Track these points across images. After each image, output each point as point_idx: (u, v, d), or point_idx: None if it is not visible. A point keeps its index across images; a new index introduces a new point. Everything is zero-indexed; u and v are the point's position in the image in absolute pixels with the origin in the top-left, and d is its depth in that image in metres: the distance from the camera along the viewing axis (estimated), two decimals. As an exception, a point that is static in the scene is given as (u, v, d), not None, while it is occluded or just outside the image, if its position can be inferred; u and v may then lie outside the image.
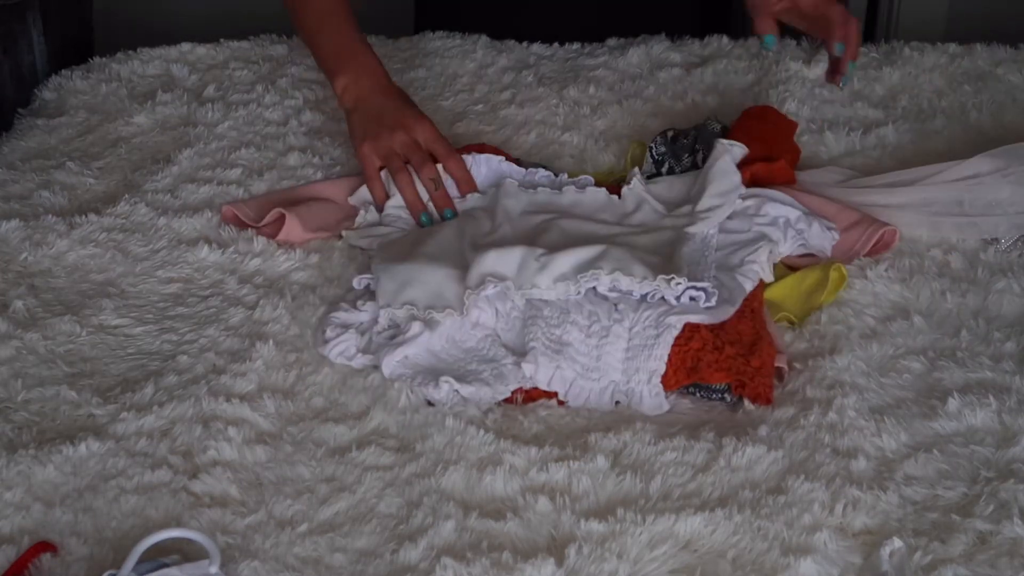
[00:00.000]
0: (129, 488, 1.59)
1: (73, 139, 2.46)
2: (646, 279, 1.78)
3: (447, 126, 2.49)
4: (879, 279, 1.96)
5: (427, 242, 1.98)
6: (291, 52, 2.76)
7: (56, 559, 1.49)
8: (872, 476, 1.59)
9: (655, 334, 1.73)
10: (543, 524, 1.54)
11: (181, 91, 2.62)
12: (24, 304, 1.94)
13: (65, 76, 2.68)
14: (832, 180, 2.19)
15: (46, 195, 2.24)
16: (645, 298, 1.80)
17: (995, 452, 1.62)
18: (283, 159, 2.37)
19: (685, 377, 1.72)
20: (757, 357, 1.72)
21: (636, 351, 1.73)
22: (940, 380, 1.76)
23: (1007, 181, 2.06)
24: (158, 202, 2.22)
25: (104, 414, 1.72)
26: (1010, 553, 1.46)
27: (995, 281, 1.94)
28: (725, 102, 2.53)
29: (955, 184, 2.09)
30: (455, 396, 1.74)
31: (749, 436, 1.65)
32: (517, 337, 1.80)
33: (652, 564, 1.47)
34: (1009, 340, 1.83)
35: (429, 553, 1.50)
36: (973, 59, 2.64)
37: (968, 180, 2.08)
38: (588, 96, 2.57)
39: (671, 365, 1.71)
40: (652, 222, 2.03)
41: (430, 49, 2.78)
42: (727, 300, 1.79)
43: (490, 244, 1.92)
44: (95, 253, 2.07)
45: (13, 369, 1.82)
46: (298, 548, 1.51)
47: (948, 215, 2.06)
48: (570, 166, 2.33)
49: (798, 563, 1.46)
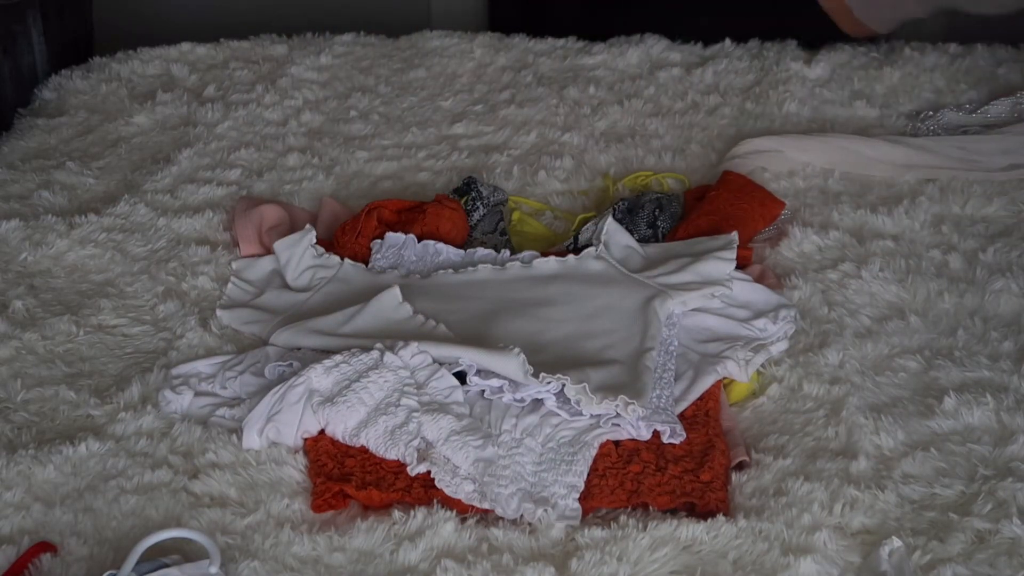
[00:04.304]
0: (129, 488, 1.60)
1: (73, 139, 2.46)
2: (606, 400, 1.65)
3: (447, 126, 2.49)
4: (875, 279, 1.96)
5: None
6: (291, 52, 2.77)
7: (56, 559, 1.49)
8: (870, 475, 1.59)
9: (571, 451, 1.63)
10: (545, 528, 1.54)
11: (181, 91, 2.62)
12: (24, 304, 1.94)
13: (65, 76, 2.68)
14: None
15: (46, 195, 2.24)
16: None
17: (993, 451, 1.62)
18: (283, 159, 2.38)
19: (626, 500, 1.58)
20: (708, 470, 1.62)
21: (551, 464, 1.62)
22: (937, 379, 1.76)
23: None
24: (158, 202, 2.22)
25: (103, 414, 1.72)
26: (1009, 552, 1.46)
27: (993, 281, 1.94)
28: (725, 102, 2.54)
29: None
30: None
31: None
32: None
33: (653, 565, 1.47)
34: (1007, 339, 1.83)
35: (429, 554, 1.50)
36: (973, 59, 2.64)
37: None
38: (588, 96, 2.58)
39: (608, 486, 1.61)
40: (615, 275, 1.92)
41: (430, 48, 2.78)
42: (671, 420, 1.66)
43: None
44: (95, 253, 2.08)
45: (13, 369, 1.82)
46: (297, 548, 1.51)
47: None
48: (570, 166, 2.34)
49: (798, 563, 1.46)
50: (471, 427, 1.64)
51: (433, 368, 1.71)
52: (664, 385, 1.71)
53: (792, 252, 2.04)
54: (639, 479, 1.60)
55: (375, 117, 2.53)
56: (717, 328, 1.84)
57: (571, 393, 1.66)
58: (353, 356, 1.71)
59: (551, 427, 1.66)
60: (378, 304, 1.86)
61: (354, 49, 2.80)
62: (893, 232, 2.09)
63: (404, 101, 2.59)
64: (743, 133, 2.42)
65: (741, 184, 2.14)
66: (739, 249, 1.96)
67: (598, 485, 1.59)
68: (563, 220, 2.19)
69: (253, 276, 2.02)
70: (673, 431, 1.65)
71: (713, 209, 2.07)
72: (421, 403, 1.66)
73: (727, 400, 1.75)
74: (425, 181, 2.31)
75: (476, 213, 2.14)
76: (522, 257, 1.98)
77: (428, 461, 1.59)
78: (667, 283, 1.88)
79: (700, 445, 1.65)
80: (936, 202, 2.16)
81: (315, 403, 1.66)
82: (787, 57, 2.66)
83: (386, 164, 2.36)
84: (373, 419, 1.64)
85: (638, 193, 2.20)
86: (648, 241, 2.04)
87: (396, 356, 1.70)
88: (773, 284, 1.95)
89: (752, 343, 1.80)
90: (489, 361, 1.70)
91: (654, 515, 1.55)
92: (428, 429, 1.62)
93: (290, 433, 1.66)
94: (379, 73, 2.70)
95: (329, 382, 1.68)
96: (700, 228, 2.04)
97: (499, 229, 2.14)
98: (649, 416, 1.65)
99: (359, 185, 2.30)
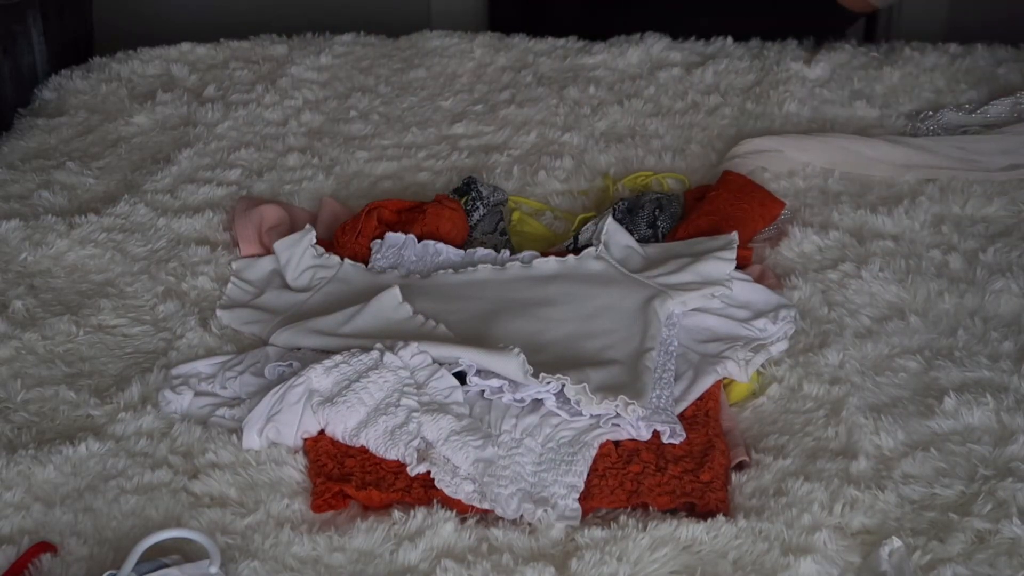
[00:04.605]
0: (129, 488, 1.60)
1: (73, 139, 2.46)
2: (605, 400, 1.66)
3: (447, 126, 2.49)
4: (875, 279, 1.96)
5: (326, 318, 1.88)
6: (291, 52, 2.77)
7: (56, 559, 1.49)
8: (870, 476, 1.59)
9: (571, 451, 1.63)
10: (545, 528, 1.54)
11: (181, 91, 2.62)
12: (23, 304, 1.94)
13: (65, 76, 2.68)
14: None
15: (46, 195, 2.24)
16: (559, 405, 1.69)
17: (993, 451, 1.62)
18: (283, 159, 2.38)
19: (626, 500, 1.58)
20: (708, 470, 1.62)
21: (551, 464, 1.63)
22: (937, 379, 1.76)
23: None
24: (158, 202, 2.22)
25: (103, 414, 1.72)
26: (1009, 552, 1.46)
27: (993, 281, 1.94)
28: (725, 102, 2.54)
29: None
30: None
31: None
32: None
33: (653, 565, 1.47)
34: (1007, 339, 1.83)
35: (428, 554, 1.50)
36: (973, 59, 2.64)
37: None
38: (588, 96, 2.58)
39: (608, 486, 1.61)
40: (615, 275, 1.93)
41: (430, 48, 2.78)
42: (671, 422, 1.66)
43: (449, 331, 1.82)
44: (95, 253, 2.07)
45: (13, 369, 1.82)
46: (297, 548, 1.51)
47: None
48: (570, 166, 2.34)
49: (798, 563, 1.46)
50: (471, 427, 1.64)
51: (433, 368, 1.71)
52: (664, 385, 1.71)
53: (792, 252, 2.04)
54: (639, 479, 1.60)
55: (375, 117, 2.53)
56: (717, 328, 1.84)
57: (571, 393, 1.66)
58: (353, 356, 1.71)
59: (551, 427, 1.66)
60: (378, 304, 1.86)
61: (354, 49, 2.80)
62: (893, 232, 2.09)
63: (404, 101, 2.59)
64: (743, 133, 2.42)
65: (741, 184, 2.14)
66: (739, 249, 1.96)
67: (598, 485, 1.59)
68: (563, 220, 2.19)
69: (253, 276, 2.02)
70: (673, 431, 1.65)
71: (713, 209, 2.07)
72: (421, 403, 1.66)
73: (727, 400, 1.75)
74: (425, 181, 2.31)
75: (476, 213, 2.14)
76: (522, 257, 1.98)
77: (428, 461, 1.59)
78: (667, 283, 1.88)
79: (700, 445, 1.65)
80: (936, 202, 2.15)
81: (315, 403, 1.66)
82: (787, 57, 2.66)
83: (386, 164, 2.36)
84: (373, 419, 1.64)
85: (638, 193, 2.20)
86: (648, 241, 2.04)
87: (396, 356, 1.70)
88: (773, 284, 1.95)
89: (752, 343, 1.80)
90: (489, 361, 1.70)
91: (654, 515, 1.56)
92: (428, 429, 1.62)
93: (290, 433, 1.66)
94: (379, 73, 2.70)
95: (329, 382, 1.68)
96: (700, 228, 2.03)
97: (499, 229, 2.14)
98: (649, 416, 1.65)
99: (359, 185, 2.30)
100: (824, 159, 2.28)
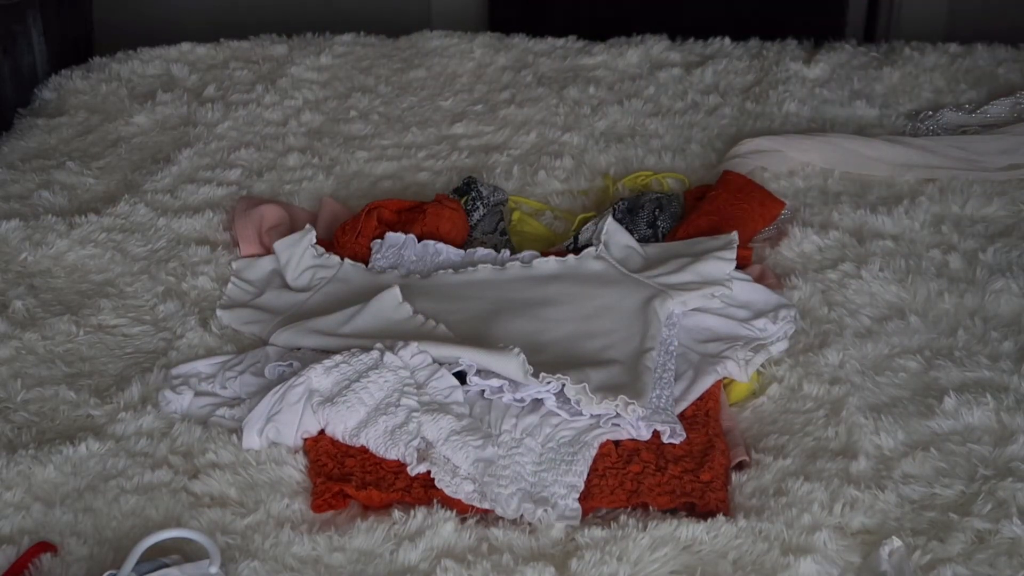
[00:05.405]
0: (129, 488, 1.59)
1: (73, 139, 2.46)
2: (605, 400, 1.65)
3: (447, 126, 2.49)
4: (875, 279, 1.96)
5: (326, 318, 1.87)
6: (291, 52, 2.77)
7: (56, 559, 1.49)
8: (870, 475, 1.59)
9: (571, 451, 1.63)
10: (545, 528, 1.54)
11: (181, 91, 2.62)
12: (24, 304, 1.94)
13: (65, 76, 2.68)
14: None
15: (46, 195, 2.24)
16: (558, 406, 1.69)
17: (993, 451, 1.62)
18: (283, 159, 2.38)
19: (626, 500, 1.58)
20: (708, 470, 1.62)
21: (551, 464, 1.62)
22: (937, 379, 1.76)
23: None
24: (158, 202, 2.22)
25: (103, 414, 1.72)
26: (1009, 552, 1.46)
27: (993, 281, 1.94)
28: (725, 102, 2.54)
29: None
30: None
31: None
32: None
33: (653, 565, 1.47)
34: (1007, 339, 1.83)
35: (429, 554, 1.50)
36: (973, 59, 2.64)
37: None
38: (588, 96, 2.58)
39: (608, 486, 1.61)
40: (615, 275, 1.92)
41: (430, 48, 2.78)
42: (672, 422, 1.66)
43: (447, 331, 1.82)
44: (95, 253, 2.07)
45: (13, 369, 1.82)
46: (297, 548, 1.51)
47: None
48: (570, 166, 2.34)
49: (798, 563, 1.46)
50: (471, 427, 1.64)
51: (433, 368, 1.71)
52: (664, 385, 1.71)
53: (792, 252, 2.04)
54: (639, 479, 1.60)
55: (375, 117, 2.53)
56: (717, 328, 1.84)
57: (571, 393, 1.66)
58: (353, 356, 1.71)
59: (551, 427, 1.66)
60: (378, 304, 1.86)
61: (354, 49, 2.80)
62: (893, 232, 2.09)
63: (404, 101, 2.59)
64: (743, 133, 2.42)
65: (741, 184, 2.14)
66: (739, 249, 1.96)
67: (598, 485, 1.59)
68: (563, 220, 2.19)
69: (253, 276, 2.02)
70: (673, 431, 1.65)
71: (713, 209, 2.07)
72: (421, 403, 1.66)
73: (727, 400, 1.75)
74: (425, 181, 2.31)
75: (476, 213, 2.14)
76: (522, 257, 1.98)
77: (428, 461, 1.59)
78: (667, 283, 1.88)
79: (700, 445, 1.65)
80: (936, 202, 2.16)
81: (315, 403, 1.66)
82: (787, 57, 2.66)
83: (386, 164, 2.36)
84: (373, 419, 1.64)
85: (638, 193, 2.20)
86: (648, 241, 2.04)
87: (396, 356, 1.70)
88: (773, 284, 1.95)
89: (752, 343, 1.80)
90: (489, 361, 1.70)
91: (654, 515, 1.56)
92: (428, 429, 1.62)
93: (290, 433, 1.66)
94: (379, 73, 2.70)
95: (329, 382, 1.68)
96: (700, 228, 2.03)
97: (499, 229, 2.14)
98: (649, 416, 1.65)
99: (359, 185, 2.30)
100: (824, 159, 2.28)
